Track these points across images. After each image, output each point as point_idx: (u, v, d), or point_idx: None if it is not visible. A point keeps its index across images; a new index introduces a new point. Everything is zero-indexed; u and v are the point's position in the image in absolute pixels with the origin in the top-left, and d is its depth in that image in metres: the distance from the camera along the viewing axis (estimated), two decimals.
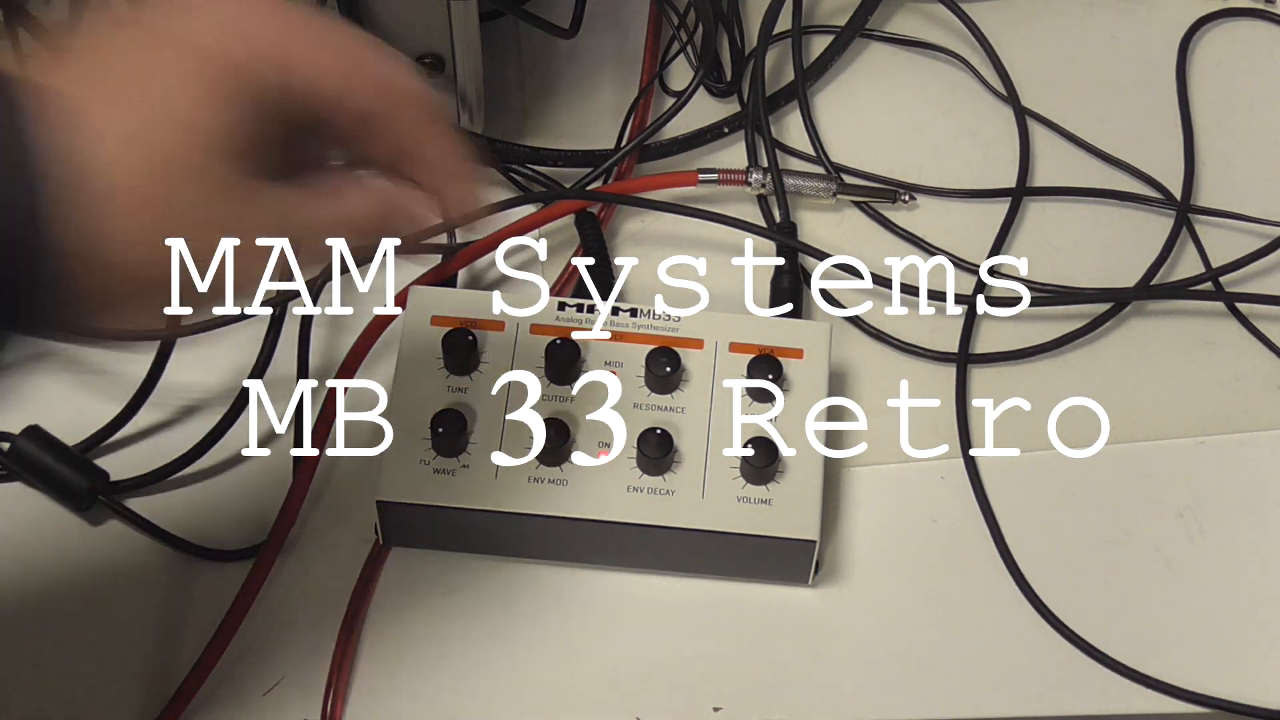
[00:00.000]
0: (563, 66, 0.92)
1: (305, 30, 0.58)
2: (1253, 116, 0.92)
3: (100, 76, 0.55)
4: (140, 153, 0.54)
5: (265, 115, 0.57)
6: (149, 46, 0.56)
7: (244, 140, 0.57)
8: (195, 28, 0.56)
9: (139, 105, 0.55)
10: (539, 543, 0.76)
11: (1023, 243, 0.87)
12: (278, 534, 0.76)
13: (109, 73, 0.55)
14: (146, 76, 0.55)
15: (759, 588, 0.77)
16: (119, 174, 0.54)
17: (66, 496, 0.77)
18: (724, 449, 0.75)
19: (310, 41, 0.58)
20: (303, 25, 0.58)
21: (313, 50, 0.58)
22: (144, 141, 0.54)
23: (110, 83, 0.55)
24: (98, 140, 0.53)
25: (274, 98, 0.57)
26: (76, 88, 0.54)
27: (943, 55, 0.93)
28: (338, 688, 0.74)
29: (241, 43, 0.57)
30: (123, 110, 0.54)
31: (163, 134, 0.55)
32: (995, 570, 0.78)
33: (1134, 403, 0.82)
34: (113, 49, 0.56)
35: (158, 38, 0.56)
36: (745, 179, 0.87)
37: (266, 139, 0.57)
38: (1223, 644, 0.76)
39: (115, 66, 0.56)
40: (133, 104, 0.55)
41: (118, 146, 0.54)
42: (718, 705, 0.74)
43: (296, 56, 0.58)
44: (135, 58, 0.56)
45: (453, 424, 0.74)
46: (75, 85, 0.54)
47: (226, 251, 0.56)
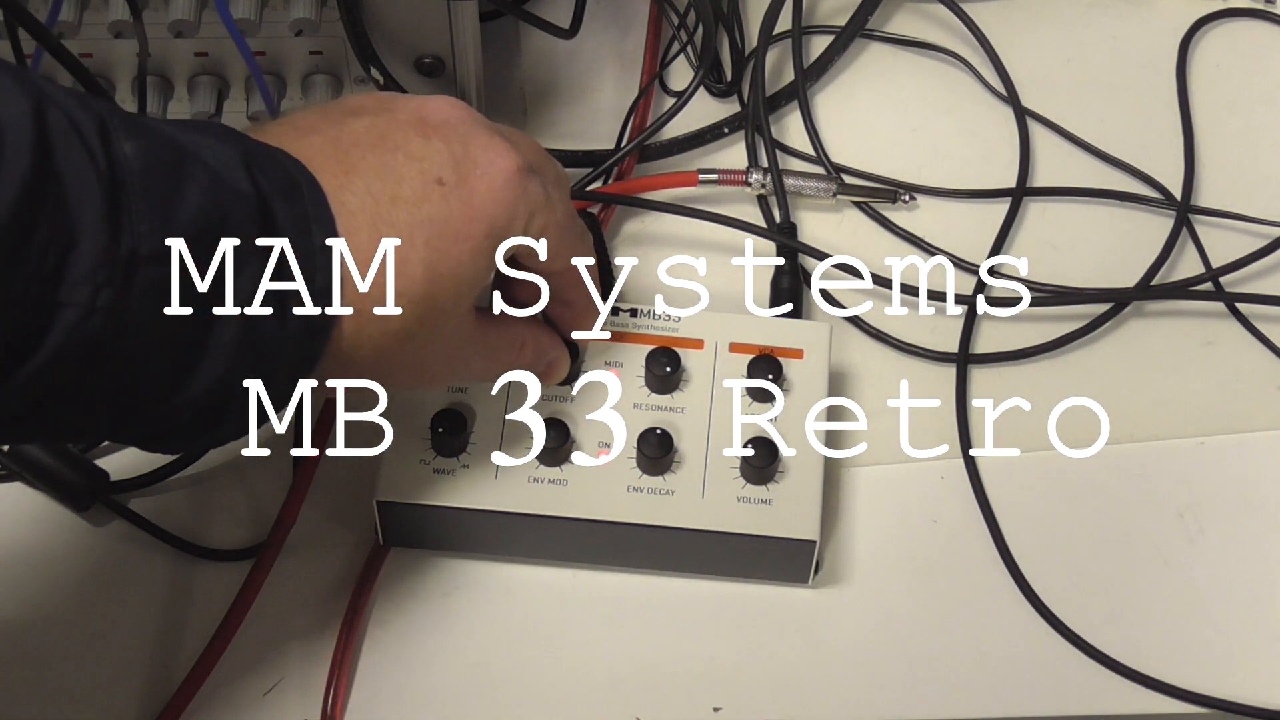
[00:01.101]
0: (563, 66, 0.92)
1: (561, 213, 0.68)
2: (1253, 116, 0.92)
3: (396, 203, 0.62)
4: (409, 285, 0.62)
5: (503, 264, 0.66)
6: (452, 189, 0.63)
7: (484, 285, 0.66)
8: (495, 186, 0.64)
9: (426, 243, 0.62)
10: (539, 543, 0.76)
11: (1023, 243, 0.87)
12: (278, 534, 0.75)
13: (402, 204, 0.62)
14: (442, 221, 0.63)
15: (759, 588, 0.77)
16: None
17: (66, 496, 0.77)
18: (724, 449, 0.75)
19: (560, 224, 0.67)
20: (562, 209, 0.68)
21: (560, 232, 0.67)
22: (422, 277, 0.62)
23: (403, 216, 0.62)
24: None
25: (520, 254, 0.67)
26: (375, 214, 0.62)
27: (943, 55, 0.93)
28: (338, 688, 0.74)
29: (525, 215, 0.65)
30: (408, 245, 0.62)
31: (435, 285, 0.63)
32: (995, 570, 0.78)
33: (1134, 403, 0.82)
34: (417, 179, 0.63)
35: (459, 181, 0.64)
36: (745, 179, 0.87)
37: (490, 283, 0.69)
38: (1223, 644, 0.76)
39: (414, 199, 0.62)
40: (417, 240, 0.62)
41: (398, 277, 0.62)
42: (718, 705, 0.74)
43: (550, 237, 0.67)
44: (436, 206, 0.63)
45: (453, 424, 0.74)
46: (373, 211, 0.62)
47: None
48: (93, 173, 0.53)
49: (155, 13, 0.77)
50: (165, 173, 0.56)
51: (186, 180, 0.56)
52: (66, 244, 0.53)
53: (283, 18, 0.78)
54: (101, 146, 0.54)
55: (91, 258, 0.53)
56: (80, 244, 0.53)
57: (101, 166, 0.54)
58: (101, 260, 0.53)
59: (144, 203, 0.55)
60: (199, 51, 0.80)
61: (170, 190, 0.56)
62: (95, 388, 0.56)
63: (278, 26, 0.78)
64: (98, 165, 0.54)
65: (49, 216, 0.52)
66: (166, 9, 0.77)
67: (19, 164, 0.52)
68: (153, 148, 0.56)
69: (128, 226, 0.54)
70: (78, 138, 0.54)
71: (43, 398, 0.55)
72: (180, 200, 0.56)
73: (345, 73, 0.82)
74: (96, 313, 0.54)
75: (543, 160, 0.69)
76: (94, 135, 0.54)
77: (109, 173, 0.54)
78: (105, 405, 0.57)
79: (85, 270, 0.53)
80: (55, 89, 0.55)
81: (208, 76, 0.82)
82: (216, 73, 0.82)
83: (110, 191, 0.54)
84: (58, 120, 0.53)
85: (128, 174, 0.54)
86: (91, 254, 0.53)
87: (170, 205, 0.55)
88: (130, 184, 0.54)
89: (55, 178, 0.53)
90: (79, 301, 0.53)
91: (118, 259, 0.54)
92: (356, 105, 0.65)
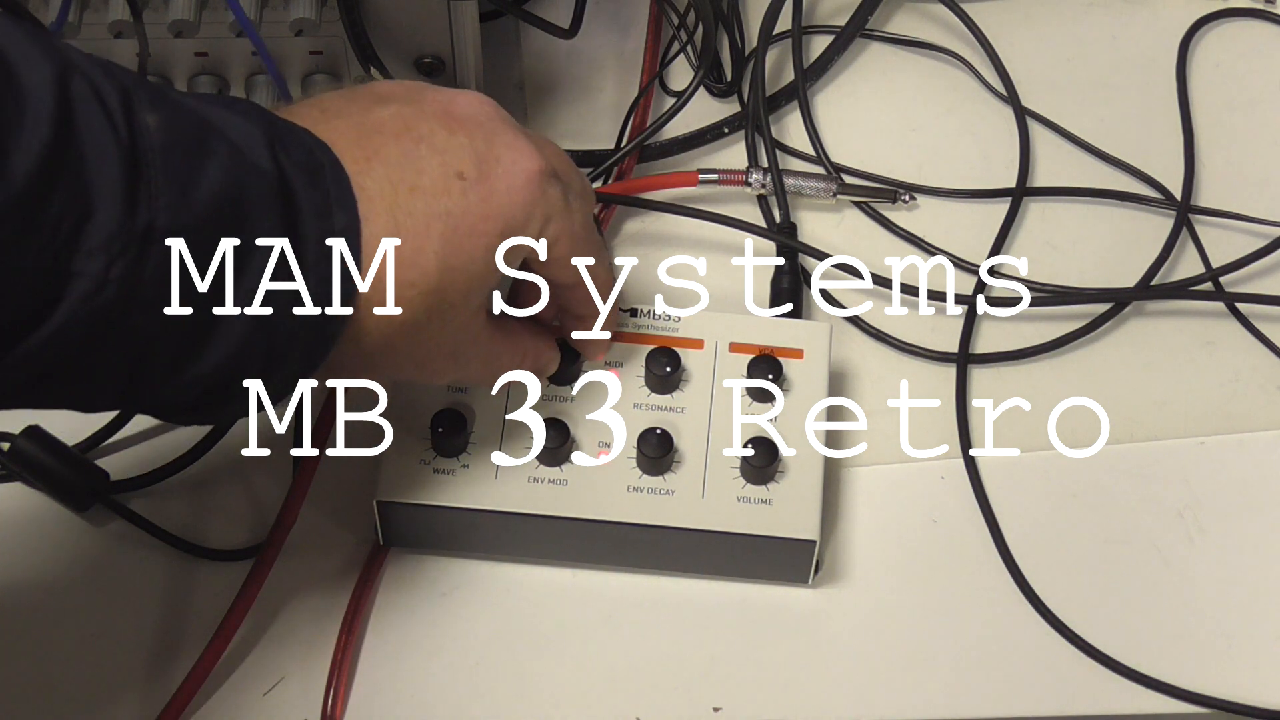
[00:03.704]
0: (563, 66, 0.92)
1: (577, 218, 0.67)
2: (1253, 116, 0.92)
3: (417, 195, 0.62)
4: (417, 279, 0.62)
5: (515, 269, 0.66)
6: (472, 184, 0.63)
7: (493, 284, 0.66)
8: (517, 185, 0.64)
9: (441, 235, 0.62)
10: (539, 543, 0.76)
11: (1023, 243, 0.87)
12: (278, 534, 0.75)
13: (421, 195, 0.62)
14: (460, 215, 0.63)
15: (759, 588, 0.77)
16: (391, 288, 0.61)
17: (66, 496, 0.77)
18: (724, 449, 0.75)
19: (573, 230, 0.67)
20: (577, 214, 0.69)
21: (572, 238, 0.67)
22: (436, 274, 0.62)
23: (423, 206, 0.62)
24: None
25: (530, 258, 0.67)
26: (395, 199, 0.62)
27: (943, 55, 0.93)
28: (338, 688, 0.74)
29: (541, 219, 0.65)
30: (424, 237, 0.62)
31: (447, 279, 0.63)
32: (995, 570, 0.78)
33: (1134, 403, 0.82)
34: (439, 172, 0.63)
35: (480, 177, 0.64)
36: (745, 179, 0.87)
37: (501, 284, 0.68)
38: (1223, 644, 0.76)
39: (434, 191, 0.63)
40: (434, 232, 0.62)
41: (405, 271, 0.61)
42: (718, 705, 0.74)
43: (562, 242, 0.67)
44: (455, 200, 0.63)
45: (453, 424, 0.74)
46: (393, 197, 0.62)
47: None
48: (113, 143, 0.53)
49: (155, 13, 0.77)
50: (187, 147, 0.55)
51: (208, 156, 0.56)
52: (83, 214, 0.52)
53: (283, 17, 0.78)
54: (124, 117, 0.54)
55: (107, 229, 0.53)
56: (96, 215, 0.53)
57: (123, 137, 0.53)
58: (117, 232, 0.53)
59: (163, 176, 0.54)
60: (199, 51, 0.80)
61: (191, 165, 0.55)
62: (103, 361, 0.56)
63: (278, 26, 0.78)
64: (119, 136, 0.53)
65: (66, 185, 0.52)
66: (166, 9, 0.77)
67: (39, 132, 0.51)
68: (176, 121, 0.56)
69: (145, 199, 0.54)
70: (100, 107, 0.53)
71: (51, 368, 0.55)
72: (201, 176, 0.55)
73: (345, 73, 0.82)
74: (109, 284, 0.53)
75: (568, 169, 0.69)
76: (117, 105, 0.54)
77: (130, 144, 0.53)
78: (112, 378, 0.57)
79: (100, 241, 0.53)
80: (80, 56, 0.54)
81: (208, 76, 0.82)
82: (216, 72, 0.82)
83: (130, 163, 0.53)
84: (81, 88, 0.53)
85: (148, 147, 0.54)
86: (107, 225, 0.53)
87: (190, 180, 0.55)
88: (150, 157, 0.54)
89: (75, 146, 0.52)
90: (92, 272, 0.53)
91: (133, 232, 0.53)
92: (385, 92, 0.65)
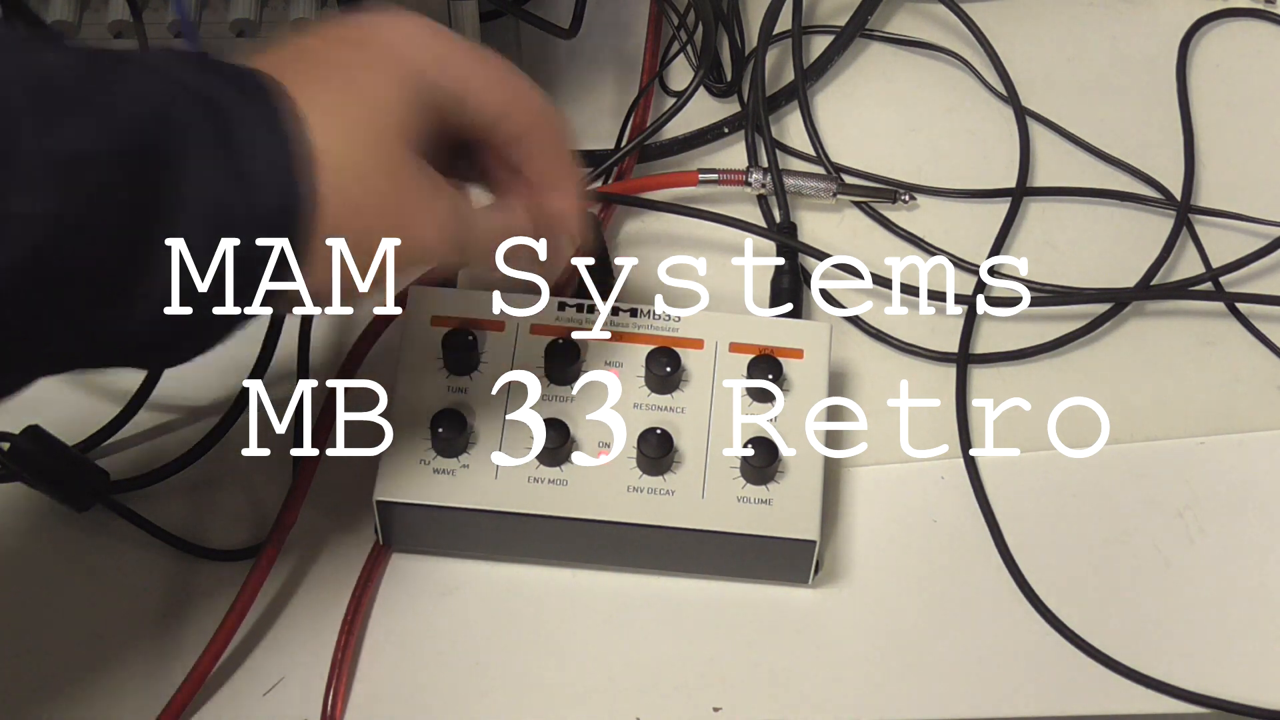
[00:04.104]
0: (563, 66, 0.92)
1: (480, 60, 0.66)
2: (1253, 116, 0.92)
3: (309, 66, 0.62)
4: (339, 124, 0.60)
5: (441, 124, 0.64)
6: (356, 44, 0.64)
7: (425, 140, 0.63)
8: (396, 39, 0.64)
9: (339, 88, 0.61)
10: (539, 543, 0.76)
11: (1023, 243, 0.87)
12: (278, 534, 0.75)
13: (317, 64, 0.62)
14: (350, 66, 0.62)
15: (759, 588, 0.77)
16: (321, 140, 0.59)
17: (66, 496, 0.77)
18: (724, 449, 0.75)
19: (483, 70, 0.66)
20: (478, 55, 0.66)
21: (485, 77, 0.66)
22: (342, 114, 0.61)
23: (317, 72, 0.61)
24: (304, 114, 0.59)
25: (450, 109, 0.64)
26: (294, 76, 0.60)
27: (943, 55, 0.93)
28: (338, 688, 0.74)
29: (433, 58, 0.64)
30: (323, 90, 0.60)
31: (360, 111, 0.61)
32: (995, 570, 0.78)
33: (1134, 403, 0.82)
34: (320, 46, 0.63)
35: (363, 39, 0.64)
36: (745, 179, 0.87)
37: (438, 147, 0.64)
38: (1223, 644, 0.76)
39: (323, 60, 0.62)
40: (332, 85, 0.61)
41: (321, 118, 0.59)
42: (718, 705, 0.74)
43: (473, 81, 0.65)
44: (342, 54, 0.63)
45: (453, 424, 0.74)
46: (293, 74, 0.60)
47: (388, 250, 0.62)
48: (19, 81, 0.53)
49: (155, 13, 0.77)
50: (102, 72, 0.55)
51: (126, 77, 0.56)
52: (2, 153, 0.52)
53: (282, 17, 0.78)
54: (32, 58, 0.54)
55: (30, 161, 0.52)
56: (18, 148, 0.52)
57: (31, 73, 0.53)
58: (39, 163, 0.52)
59: (82, 104, 0.54)
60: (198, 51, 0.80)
61: (107, 88, 0.55)
62: (50, 301, 0.54)
63: (277, 26, 0.78)
64: (26, 73, 0.53)
65: None
66: (166, 9, 0.77)
67: None
68: (87, 55, 0.56)
69: (68, 125, 0.53)
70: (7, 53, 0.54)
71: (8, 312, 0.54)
72: (121, 94, 0.55)
73: None
74: (37, 220, 0.52)
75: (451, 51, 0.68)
76: (19, 49, 0.54)
77: (41, 76, 0.53)
78: (64, 321, 0.56)
79: (24, 178, 0.52)
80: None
81: None
82: None
83: (42, 93, 0.53)
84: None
85: (62, 79, 0.54)
86: (30, 158, 0.52)
87: (109, 102, 0.55)
88: (65, 86, 0.54)
89: None
90: (21, 212, 0.52)
91: (56, 162, 0.53)
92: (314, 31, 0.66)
